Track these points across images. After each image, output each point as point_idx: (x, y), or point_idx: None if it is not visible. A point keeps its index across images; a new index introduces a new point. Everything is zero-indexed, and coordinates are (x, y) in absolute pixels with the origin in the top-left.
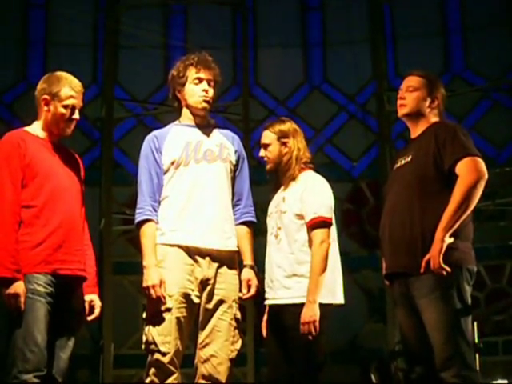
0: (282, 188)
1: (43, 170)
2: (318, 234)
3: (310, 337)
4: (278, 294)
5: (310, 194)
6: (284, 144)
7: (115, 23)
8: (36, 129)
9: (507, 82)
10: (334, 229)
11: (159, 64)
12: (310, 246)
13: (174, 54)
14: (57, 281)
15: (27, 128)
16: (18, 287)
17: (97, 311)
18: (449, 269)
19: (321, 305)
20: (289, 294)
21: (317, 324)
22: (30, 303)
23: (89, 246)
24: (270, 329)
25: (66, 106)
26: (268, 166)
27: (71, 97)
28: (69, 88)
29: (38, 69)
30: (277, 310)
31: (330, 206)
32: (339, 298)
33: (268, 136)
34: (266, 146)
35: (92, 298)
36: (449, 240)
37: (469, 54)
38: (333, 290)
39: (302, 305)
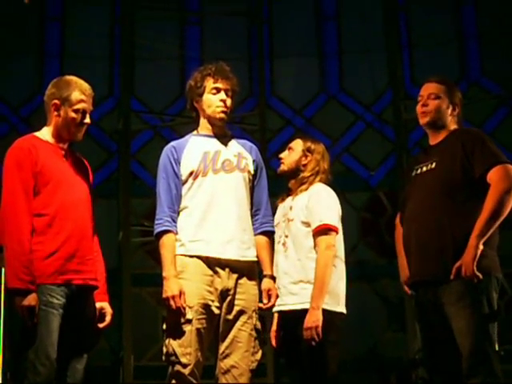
0: (291, 198)
1: (55, 177)
2: (323, 240)
3: (313, 343)
4: (284, 300)
5: (316, 202)
6: (305, 156)
7: (131, 35)
8: (46, 134)
9: None
10: (341, 239)
11: (175, 75)
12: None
13: (189, 65)
14: (69, 291)
15: (37, 133)
16: (33, 299)
17: (108, 318)
18: (481, 276)
19: (329, 312)
20: (294, 300)
21: (319, 330)
22: (43, 315)
23: (98, 252)
24: (282, 338)
25: (76, 111)
26: (281, 168)
27: (82, 101)
28: (79, 92)
29: None
30: (284, 317)
31: (337, 215)
32: (343, 308)
33: (297, 143)
34: (290, 150)
35: (103, 305)
36: (481, 247)
37: (485, 61)
38: (338, 299)
39: (307, 311)
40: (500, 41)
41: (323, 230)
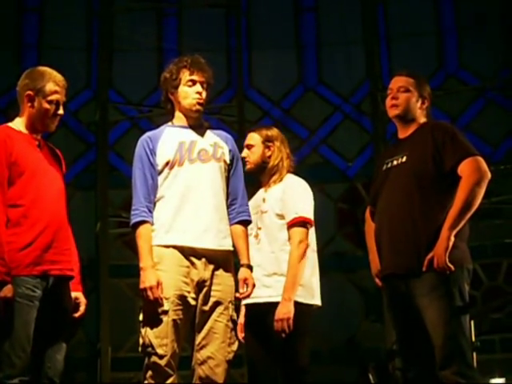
0: (263, 189)
1: (29, 168)
2: (297, 233)
3: (284, 334)
4: (258, 292)
5: (291, 195)
6: (268, 147)
7: (109, 27)
8: (19, 125)
9: (501, 81)
10: (313, 232)
11: (153, 67)
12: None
13: (167, 56)
14: (46, 282)
15: (10, 124)
16: (8, 291)
17: (82, 308)
18: (453, 267)
19: (303, 305)
20: (268, 293)
21: (290, 322)
22: (19, 307)
23: (72, 242)
24: (249, 330)
25: (50, 102)
26: (248, 167)
27: (56, 92)
28: (53, 83)
29: None
30: (257, 309)
31: (311, 208)
32: (318, 300)
33: (253, 137)
34: (249, 147)
35: (77, 295)
36: (453, 239)
37: (463, 53)
38: (312, 292)
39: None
40: (477, 33)
41: (298, 223)
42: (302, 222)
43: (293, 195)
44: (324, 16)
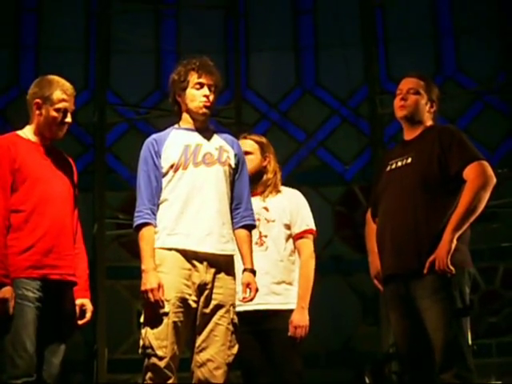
0: (260, 198)
1: (33, 175)
2: (309, 244)
3: (298, 340)
4: (266, 299)
5: (300, 206)
6: (265, 158)
7: (107, 28)
8: (28, 133)
9: (498, 84)
10: None
11: (151, 68)
12: (294, 255)
13: (165, 58)
14: (46, 286)
15: (19, 132)
16: (7, 292)
17: (88, 315)
18: (454, 270)
19: None
20: (279, 300)
21: (308, 329)
22: (19, 308)
23: (81, 248)
24: (250, 333)
25: (58, 110)
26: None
27: (63, 100)
28: (61, 91)
29: (30, 73)
30: (258, 315)
31: None
32: None
33: (251, 145)
34: (246, 154)
35: (83, 301)
36: (455, 242)
37: (460, 56)
38: None
39: (289, 311)
40: (475, 36)
41: (308, 235)
42: (310, 234)
43: (301, 207)
44: (322, 19)
